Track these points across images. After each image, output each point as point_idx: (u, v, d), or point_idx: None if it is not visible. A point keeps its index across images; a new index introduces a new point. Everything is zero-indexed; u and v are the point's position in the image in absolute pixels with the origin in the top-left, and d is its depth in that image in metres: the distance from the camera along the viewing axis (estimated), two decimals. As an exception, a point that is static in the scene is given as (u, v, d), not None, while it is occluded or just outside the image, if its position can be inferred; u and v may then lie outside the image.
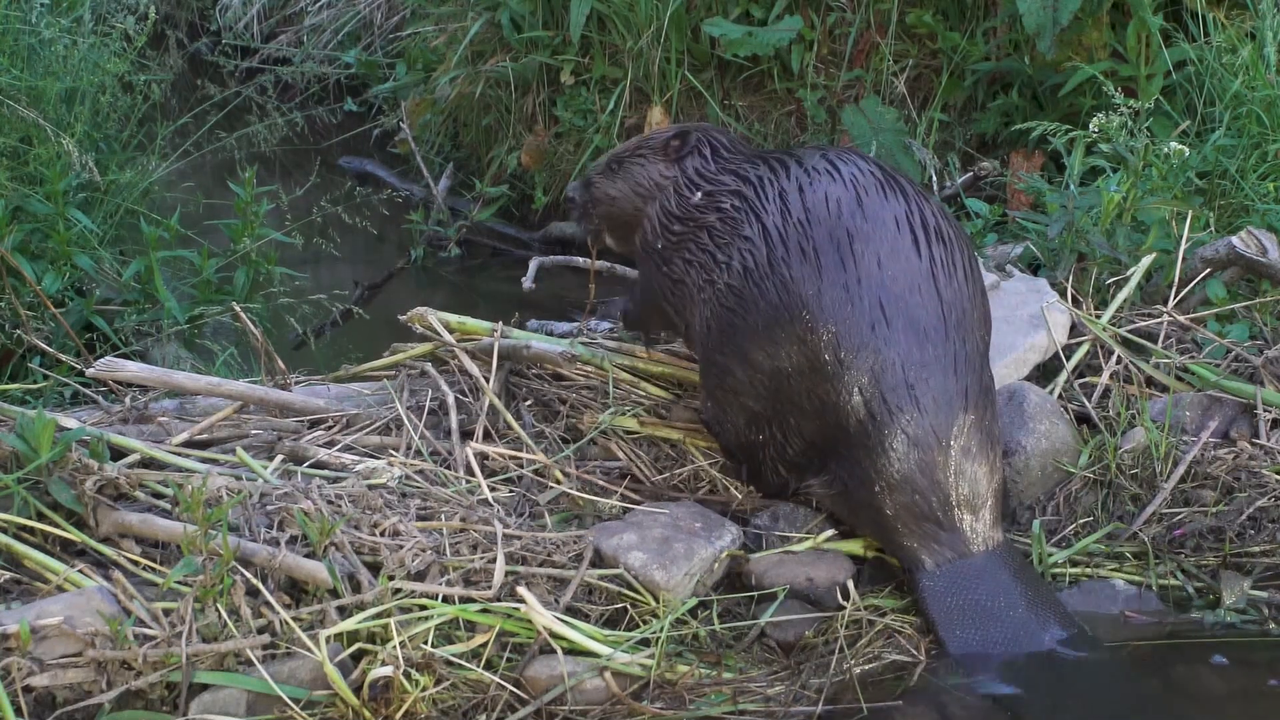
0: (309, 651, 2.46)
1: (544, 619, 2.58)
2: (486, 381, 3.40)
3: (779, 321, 2.89)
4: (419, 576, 2.67)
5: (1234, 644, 2.79)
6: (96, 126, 5.17)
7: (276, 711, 2.43)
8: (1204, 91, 4.48)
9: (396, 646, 2.47)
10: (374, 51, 7.58)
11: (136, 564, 2.68)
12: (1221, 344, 3.58)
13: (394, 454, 3.17)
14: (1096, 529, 3.13)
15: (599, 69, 5.77)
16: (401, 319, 3.67)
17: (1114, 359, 3.55)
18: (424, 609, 2.57)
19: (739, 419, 3.08)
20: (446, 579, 2.68)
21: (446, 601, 2.61)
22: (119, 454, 3.00)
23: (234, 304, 3.93)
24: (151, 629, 2.45)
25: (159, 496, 2.87)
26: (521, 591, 2.59)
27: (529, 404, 3.49)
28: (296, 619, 2.52)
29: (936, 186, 5.01)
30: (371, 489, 2.91)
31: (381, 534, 2.75)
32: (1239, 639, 2.81)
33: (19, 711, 2.32)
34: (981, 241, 4.33)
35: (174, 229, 4.76)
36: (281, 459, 3.10)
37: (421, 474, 3.09)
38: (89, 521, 2.73)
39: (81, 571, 2.60)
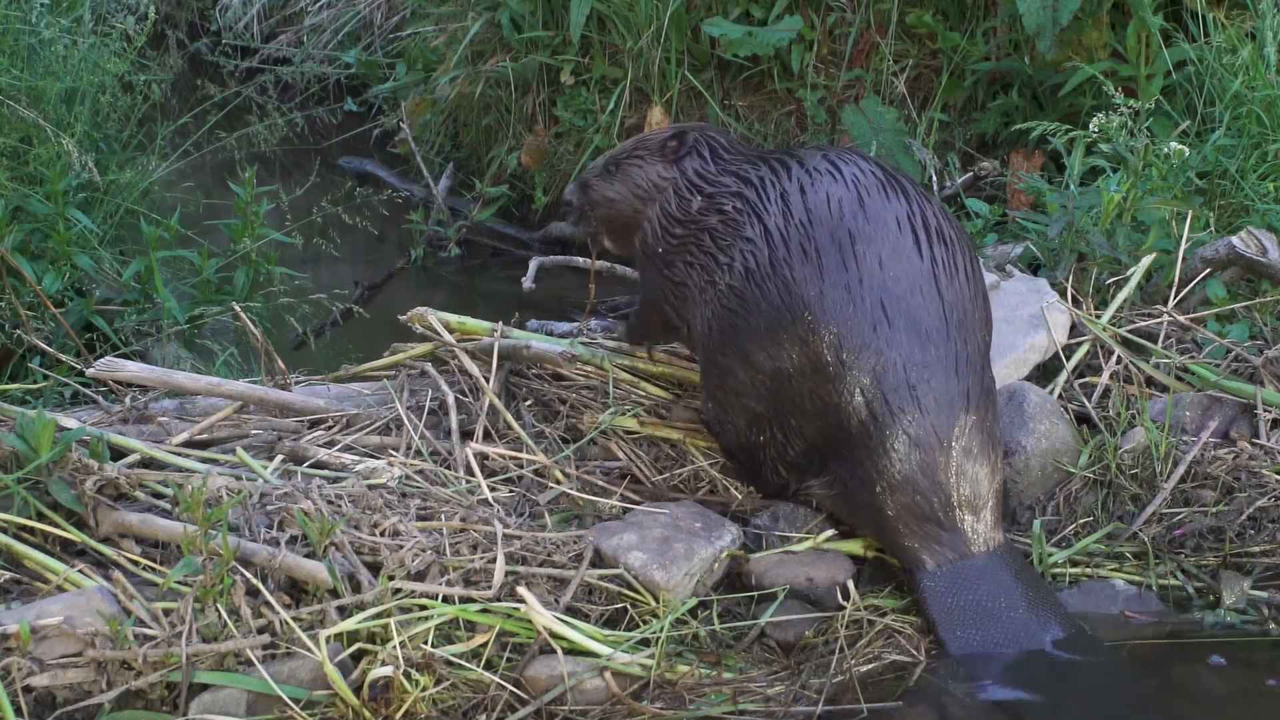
0: (309, 651, 2.46)
1: (544, 619, 2.58)
2: (486, 381, 3.40)
3: (781, 322, 2.89)
4: (419, 576, 2.67)
5: (1234, 644, 2.79)
6: (96, 126, 5.16)
7: (276, 711, 2.43)
8: (1204, 91, 4.48)
9: (396, 646, 2.47)
10: (374, 51, 7.57)
11: (136, 564, 2.68)
12: (1221, 344, 3.57)
13: (394, 454, 3.17)
14: (1096, 529, 3.13)
15: (599, 69, 5.77)
16: (401, 319, 3.67)
17: (1114, 359, 3.55)
18: (424, 609, 2.57)
19: (740, 420, 3.08)
20: (446, 579, 2.68)
21: (446, 601, 2.61)
22: (119, 454, 3.00)
23: (234, 304, 3.93)
24: (151, 629, 2.45)
25: (159, 496, 2.87)
26: (521, 591, 2.59)
27: (529, 404, 3.49)
28: (296, 619, 2.52)
29: (936, 186, 5.00)
30: (371, 489, 2.91)
31: (381, 534, 2.75)
32: (1239, 639, 2.81)
33: (19, 711, 2.32)
34: (981, 241, 4.32)
35: (174, 229, 4.76)
36: (281, 459, 3.10)
37: (421, 474, 3.09)
38: (89, 521, 2.73)
39: (81, 571, 2.60)
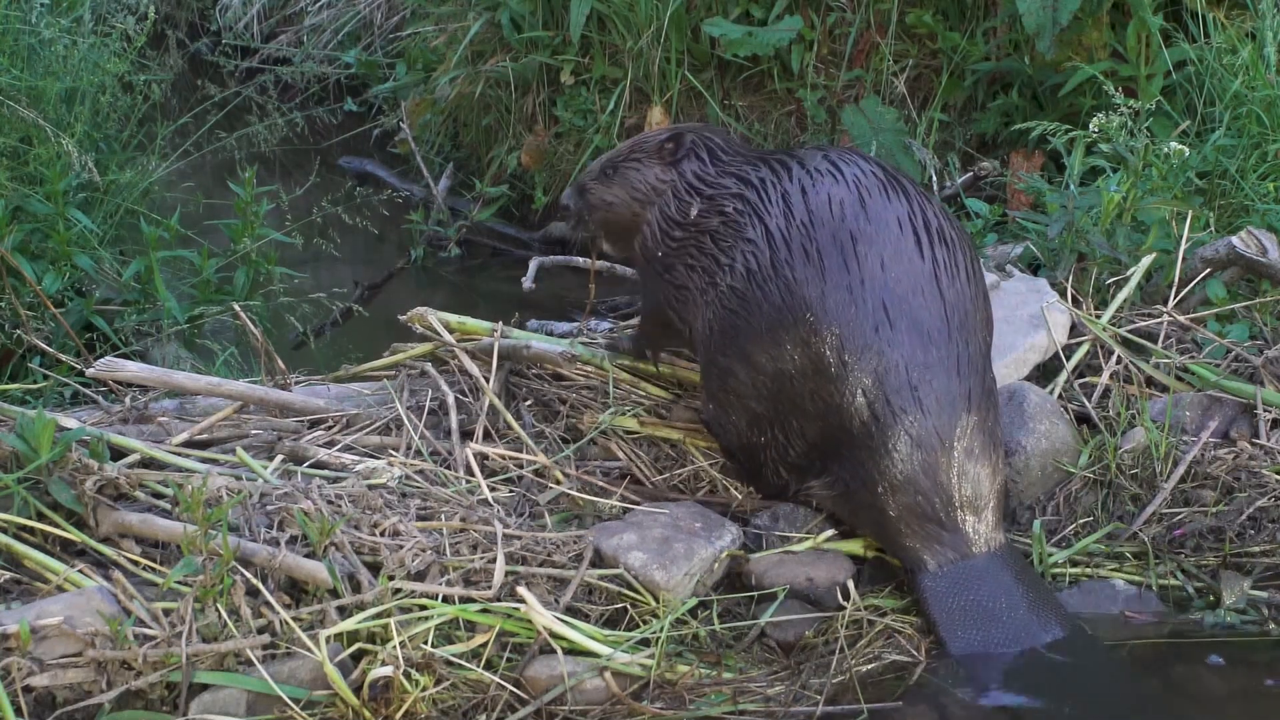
0: (309, 651, 2.46)
1: (544, 619, 2.58)
2: (486, 381, 3.40)
3: (782, 323, 2.88)
4: (419, 576, 2.66)
5: (1233, 644, 2.79)
6: (96, 126, 5.16)
7: (276, 711, 2.43)
8: (1204, 91, 4.48)
9: (396, 646, 2.47)
10: (374, 51, 7.57)
11: (136, 564, 2.68)
12: (1221, 344, 3.57)
13: (394, 454, 3.17)
14: (1096, 529, 3.13)
15: (599, 69, 5.77)
16: (401, 319, 3.67)
17: (1114, 359, 3.55)
18: (424, 609, 2.57)
19: (741, 420, 3.08)
20: (446, 579, 2.68)
21: (446, 601, 2.61)
22: (119, 454, 3.00)
23: (234, 304, 3.93)
24: (151, 629, 2.45)
25: (159, 496, 2.87)
26: (521, 591, 2.59)
27: (529, 404, 3.49)
28: (296, 619, 2.52)
29: (936, 186, 5.00)
30: (371, 489, 2.90)
31: (381, 534, 2.74)
32: (1239, 639, 2.81)
33: (19, 711, 2.32)
34: (981, 241, 4.32)
35: (174, 229, 4.76)
36: (281, 459, 3.10)
37: (421, 474, 3.09)
38: (89, 521, 2.73)
39: (81, 571, 2.60)
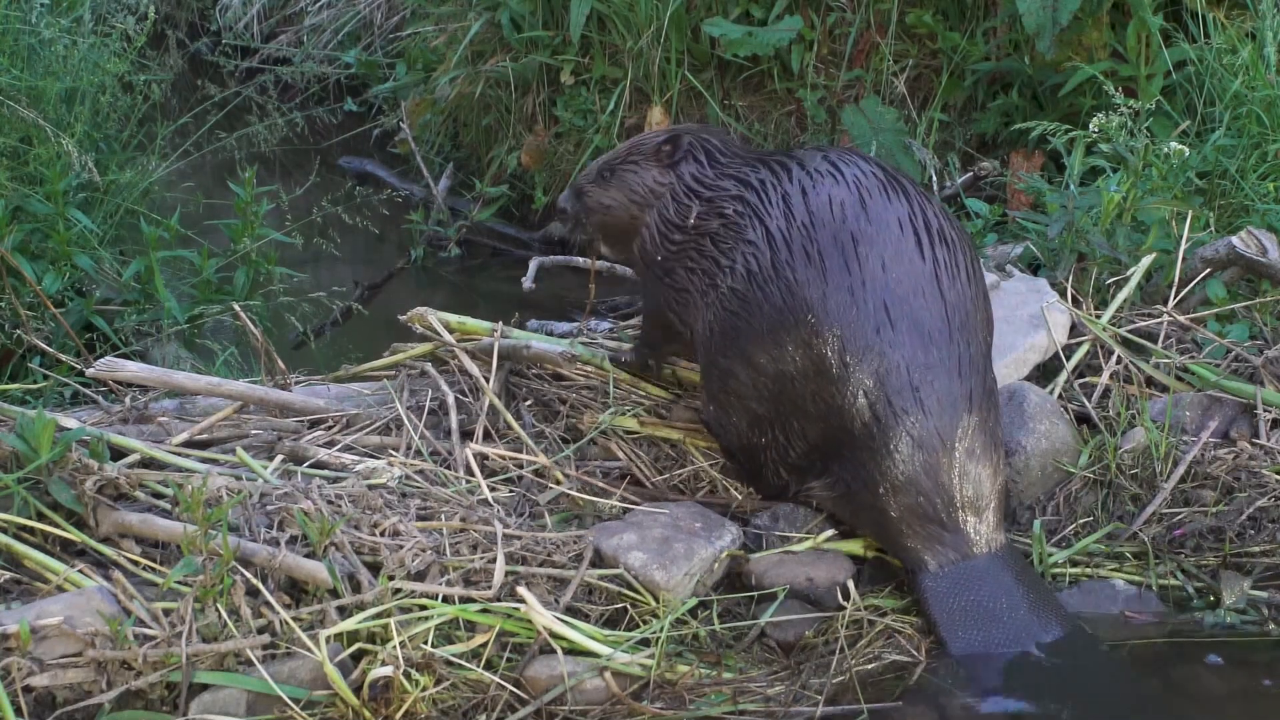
0: (309, 651, 2.46)
1: (544, 619, 2.58)
2: (486, 381, 3.40)
3: (783, 325, 2.88)
4: (419, 576, 2.66)
5: (1234, 644, 2.79)
6: (96, 126, 5.16)
7: (276, 711, 2.43)
8: (1204, 91, 4.48)
9: (396, 646, 2.47)
10: (374, 51, 7.57)
11: (136, 564, 2.68)
12: (1221, 344, 3.57)
13: (394, 454, 3.17)
14: (1096, 529, 3.13)
15: (599, 69, 5.77)
16: (401, 319, 3.67)
17: (1114, 359, 3.55)
18: (424, 609, 2.57)
19: (741, 421, 3.08)
20: (446, 579, 2.68)
21: (446, 601, 2.61)
22: (119, 454, 3.00)
23: (234, 304, 3.93)
24: (151, 629, 2.45)
25: (159, 496, 2.87)
26: (521, 591, 2.59)
27: (529, 404, 3.49)
28: (296, 619, 2.52)
29: (936, 186, 5.00)
30: (371, 489, 2.90)
31: (381, 534, 2.74)
32: (1239, 639, 2.81)
33: (19, 711, 2.32)
34: (981, 241, 4.32)
35: (174, 229, 4.76)
36: (281, 459, 3.09)
37: (421, 474, 3.09)
38: (89, 521, 2.73)
39: (81, 571, 2.60)
